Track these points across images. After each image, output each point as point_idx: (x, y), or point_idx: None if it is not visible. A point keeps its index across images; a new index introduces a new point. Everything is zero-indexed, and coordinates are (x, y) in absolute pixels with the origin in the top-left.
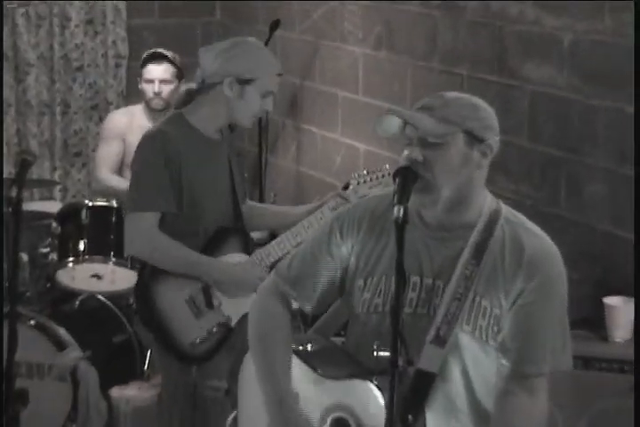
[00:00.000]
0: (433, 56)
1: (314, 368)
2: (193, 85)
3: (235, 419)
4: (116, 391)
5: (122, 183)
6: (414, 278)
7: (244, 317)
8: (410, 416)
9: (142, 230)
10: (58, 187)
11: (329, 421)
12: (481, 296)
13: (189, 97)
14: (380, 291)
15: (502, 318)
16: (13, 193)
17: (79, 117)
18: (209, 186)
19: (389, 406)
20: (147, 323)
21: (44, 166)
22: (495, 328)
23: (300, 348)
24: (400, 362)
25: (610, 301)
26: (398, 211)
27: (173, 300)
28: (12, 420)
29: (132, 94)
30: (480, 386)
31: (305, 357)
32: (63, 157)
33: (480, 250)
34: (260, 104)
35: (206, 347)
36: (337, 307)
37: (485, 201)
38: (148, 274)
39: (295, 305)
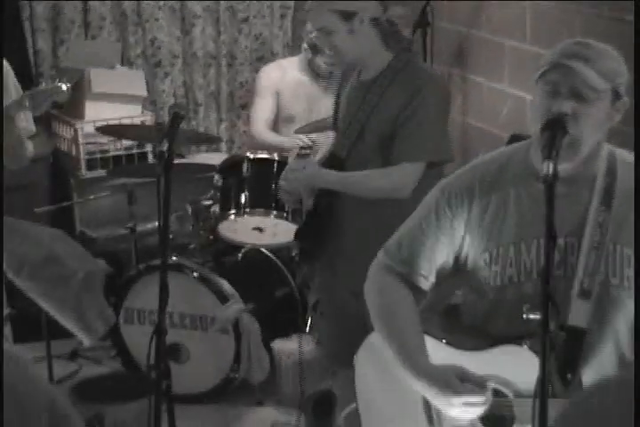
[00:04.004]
0: (603, 3)
1: (449, 343)
2: None
3: (351, 414)
4: (277, 344)
5: (276, 138)
6: (544, 241)
7: None
8: (569, 375)
9: None
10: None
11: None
12: (622, 245)
13: None
14: (511, 261)
15: None
16: (164, 147)
17: (245, 69)
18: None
19: (542, 370)
20: None
21: (211, 118)
22: None
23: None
24: (552, 326)
25: None
26: (547, 167)
27: None
28: (164, 374)
29: (297, 45)
30: (627, 339)
31: (434, 333)
32: (229, 110)
33: (608, 195)
34: None
35: None
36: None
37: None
38: None
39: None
